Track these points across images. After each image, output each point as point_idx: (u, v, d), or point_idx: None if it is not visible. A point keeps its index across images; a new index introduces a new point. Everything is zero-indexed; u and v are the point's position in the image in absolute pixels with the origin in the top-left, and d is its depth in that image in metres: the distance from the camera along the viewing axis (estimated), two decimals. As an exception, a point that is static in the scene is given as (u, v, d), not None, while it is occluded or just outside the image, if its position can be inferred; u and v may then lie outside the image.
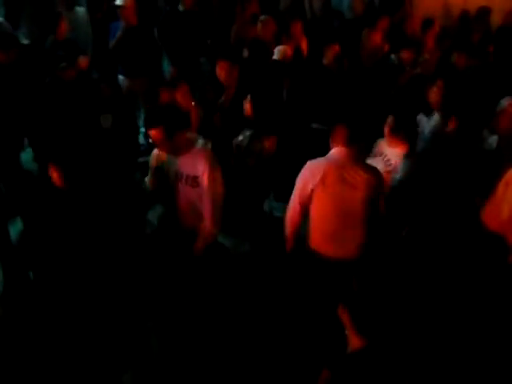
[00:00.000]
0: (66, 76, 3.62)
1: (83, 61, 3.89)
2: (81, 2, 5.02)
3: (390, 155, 2.91)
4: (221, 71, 3.60)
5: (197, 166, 2.45)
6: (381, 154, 2.97)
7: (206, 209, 2.49)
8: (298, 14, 5.09)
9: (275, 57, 4.05)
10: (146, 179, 2.87)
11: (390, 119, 2.91)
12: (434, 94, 3.38)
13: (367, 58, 4.62)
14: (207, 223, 2.53)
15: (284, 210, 2.75)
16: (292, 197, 2.55)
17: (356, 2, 5.41)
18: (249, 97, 3.47)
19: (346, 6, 5.70)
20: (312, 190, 2.42)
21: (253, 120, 3.52)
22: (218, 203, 2.51)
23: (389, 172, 2.82)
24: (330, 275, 2.47)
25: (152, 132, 2.41)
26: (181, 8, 4.71)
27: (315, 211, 2.49)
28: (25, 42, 4.39)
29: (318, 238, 2.54)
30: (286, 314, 2.83)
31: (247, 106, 3.51)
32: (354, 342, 1.64)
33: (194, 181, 2.47)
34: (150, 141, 2.88)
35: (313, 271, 2.59)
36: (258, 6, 4.85)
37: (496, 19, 5.49)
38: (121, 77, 4.58)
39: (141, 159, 4.38)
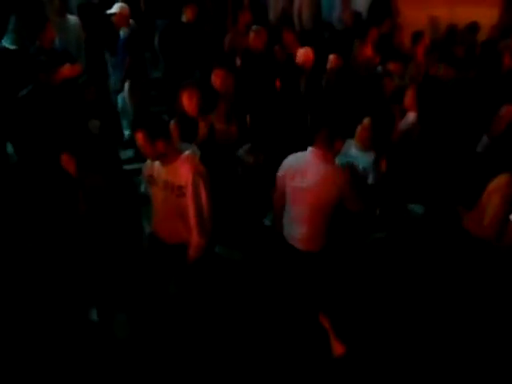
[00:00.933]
0: (49, 82, 3.57)
1: (69, 68, 3.83)
2: (73, 9, 5.00)
3: (360, 159, 3.13)
4: (216, 79, 3.64)
5: (181, 176, 2.46)
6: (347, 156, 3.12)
7: (191, 219, 2.51)
8: (287, 25, 5.16)
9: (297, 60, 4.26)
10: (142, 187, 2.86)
11: (366, 124, 3.08)
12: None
13: (359, 70, 4.69)
14: (193, 234, 2.54)
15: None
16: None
17: (345, 14, 5.54)
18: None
19: (336, 18, 5.81)
20: (279, 178, 2.75)
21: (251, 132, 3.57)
22: (203, 214, 2.50)
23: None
24: (298, 263, 2.75)
25: (136, 135, 2.43)
26: (184, 19, 4.77)
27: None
28: (11, 47, 4.34)
29: (284, 225, 2.82)
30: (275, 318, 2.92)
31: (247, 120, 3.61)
32: (337, 347, 1.67)
33: (180, 190, 2.48)
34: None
35: (285, 259, 2.84)
36: (250, 15, 4.89)
37: (482, 34, 5.67)
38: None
39: (128, 167, 4.39)
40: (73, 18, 4.75)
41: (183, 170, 2.47)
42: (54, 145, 3.22)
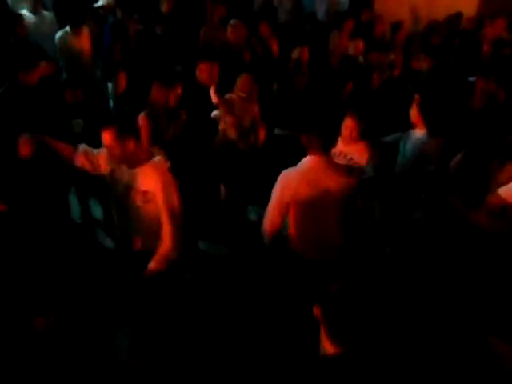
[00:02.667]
0: (27, 81, 3.49)
1: (44, 66, 3.77)
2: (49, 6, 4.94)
3: (350, 153, 3.07)
4: (202, 73, 3.60)
5: (148, 180, 2.35)
6: (340, 153, 3.05)
7: (166, 227, 2.38)
8: (269, 17, 5.13)
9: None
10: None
11: (350, 122, 3.02)
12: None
13: (334, 60, 4.69)
14: (165, 243, 2.41)
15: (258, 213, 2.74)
16: (269, 209, 2.49)
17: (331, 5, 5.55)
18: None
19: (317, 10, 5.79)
20: (288, 202, 2.43)
21: None
22: (175, 220, 2.39)
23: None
24: (311, 275, 2.50)
25: (104, 135, 2.30)
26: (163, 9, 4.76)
27: (294, 220, 2.50)
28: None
29: (299, 244, 2.55)
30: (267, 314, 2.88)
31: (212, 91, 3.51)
32: (327, 346, 1.51)
33: (145, 196, 2.37)
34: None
35: (296, 272, 2.60)
36: (224, 9, 4.83)
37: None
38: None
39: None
40: (48, 15, 4.69)
41: (152, 175, 2.35)
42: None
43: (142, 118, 3.08)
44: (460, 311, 2.70)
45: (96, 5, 4.63)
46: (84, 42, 4.54)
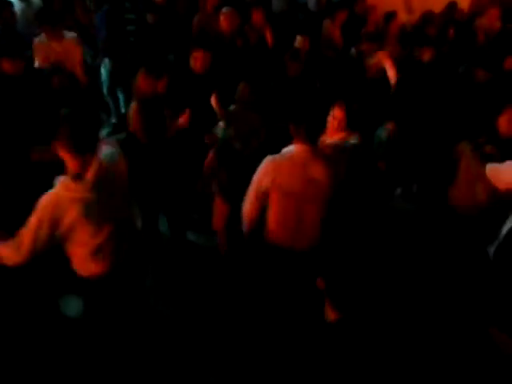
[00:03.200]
0: (13, 70, 3.37)
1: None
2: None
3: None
4: (196, 62, 3.56)
5: None
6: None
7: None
8: (263, 5, 5.06)
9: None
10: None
11: (338, 112, 2.98)
12: None
13: (327, 50, 4.66)
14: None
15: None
16: (248, 192, 2.44)
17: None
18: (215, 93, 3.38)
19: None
20: (267, 189, 2.36)
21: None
22: None
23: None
24: (293, 264, 2.47)
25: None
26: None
27: (273, 208, 2.43)
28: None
29: (277, 233, 2.49)
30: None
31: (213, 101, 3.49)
32: (329, 313, 1.69)
33: None
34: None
35: (275, 261, 2.55)
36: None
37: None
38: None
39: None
40: (35, 2, 4.58)
41: None
42: (21, 137, 3.10)
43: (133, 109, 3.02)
44: (459, 300, 2.73)
45: None
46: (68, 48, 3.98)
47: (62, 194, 1.94)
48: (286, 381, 1.79)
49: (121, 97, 4.93)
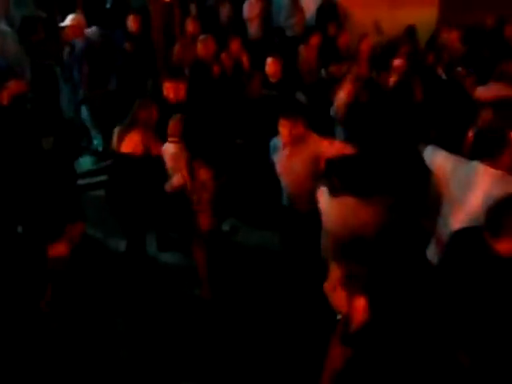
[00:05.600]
0: None
1: (15, 84, 3.76)
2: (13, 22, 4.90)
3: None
4: (169, 91, 3.70)
5: None
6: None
7: None
8: (238, 32, 5.25)
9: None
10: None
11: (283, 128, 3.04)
12: None
13: (305, 74, 4.83)
14: None
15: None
16: None
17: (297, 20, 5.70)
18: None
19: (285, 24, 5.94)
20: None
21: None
22: None
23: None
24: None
25: None
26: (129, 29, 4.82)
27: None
28: None
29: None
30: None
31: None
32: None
33: None
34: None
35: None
36: (196, 26, 4.92)
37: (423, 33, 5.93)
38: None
39: (82, 181, 4.37)
40: (8, 31, 4.62)
41: None
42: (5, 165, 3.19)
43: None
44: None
45: (62, 24, 4.64)
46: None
47: None
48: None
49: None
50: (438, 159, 2.47)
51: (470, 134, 2.96)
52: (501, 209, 1.76)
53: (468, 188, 2.18)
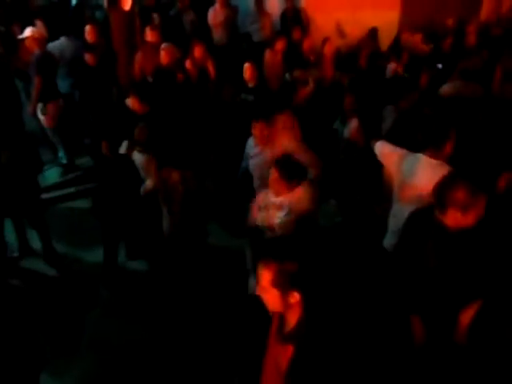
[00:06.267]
0: None
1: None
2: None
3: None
4: (134, 104, 3.76)
5: None
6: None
7: None
8: (202, 38, 5.22)
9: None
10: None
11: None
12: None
13: (271, 78, 4.85)
14: None
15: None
16: None
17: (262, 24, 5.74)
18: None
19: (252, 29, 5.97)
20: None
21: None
22: None
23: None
24: None
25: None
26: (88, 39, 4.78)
27: None
28: None
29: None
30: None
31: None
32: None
33: None
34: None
35: None
36: (155, 34, 4.88)
37: (384, 36, 6.07)
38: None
39: (46, 195, 4.25)
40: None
41: None
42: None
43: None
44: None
45: (21, 36, 4.54)
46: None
47: None
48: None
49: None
50: (386, 151, 2.76)
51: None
52: (444, 186, 1.93)
53: (415, 175, 2.47)
